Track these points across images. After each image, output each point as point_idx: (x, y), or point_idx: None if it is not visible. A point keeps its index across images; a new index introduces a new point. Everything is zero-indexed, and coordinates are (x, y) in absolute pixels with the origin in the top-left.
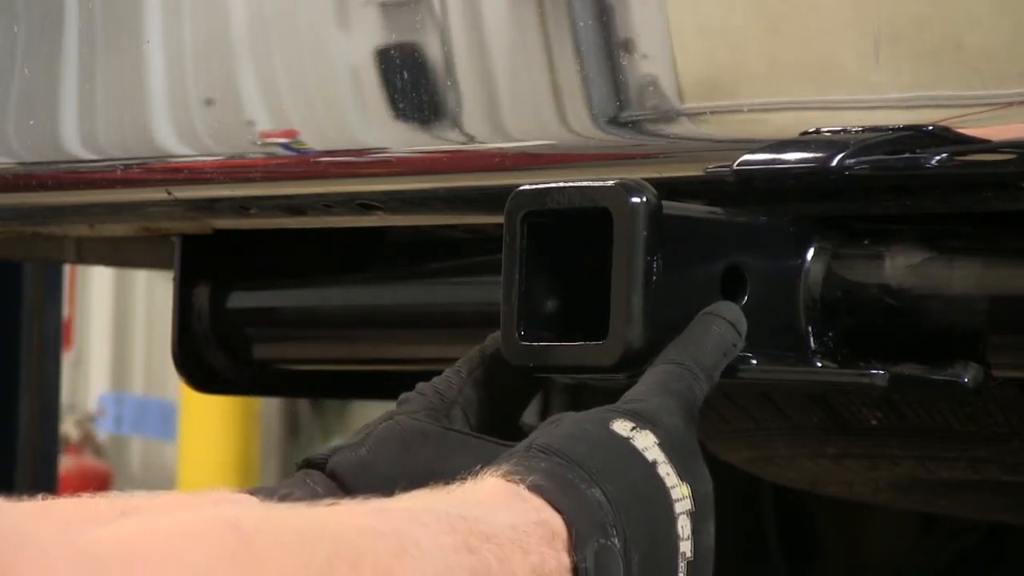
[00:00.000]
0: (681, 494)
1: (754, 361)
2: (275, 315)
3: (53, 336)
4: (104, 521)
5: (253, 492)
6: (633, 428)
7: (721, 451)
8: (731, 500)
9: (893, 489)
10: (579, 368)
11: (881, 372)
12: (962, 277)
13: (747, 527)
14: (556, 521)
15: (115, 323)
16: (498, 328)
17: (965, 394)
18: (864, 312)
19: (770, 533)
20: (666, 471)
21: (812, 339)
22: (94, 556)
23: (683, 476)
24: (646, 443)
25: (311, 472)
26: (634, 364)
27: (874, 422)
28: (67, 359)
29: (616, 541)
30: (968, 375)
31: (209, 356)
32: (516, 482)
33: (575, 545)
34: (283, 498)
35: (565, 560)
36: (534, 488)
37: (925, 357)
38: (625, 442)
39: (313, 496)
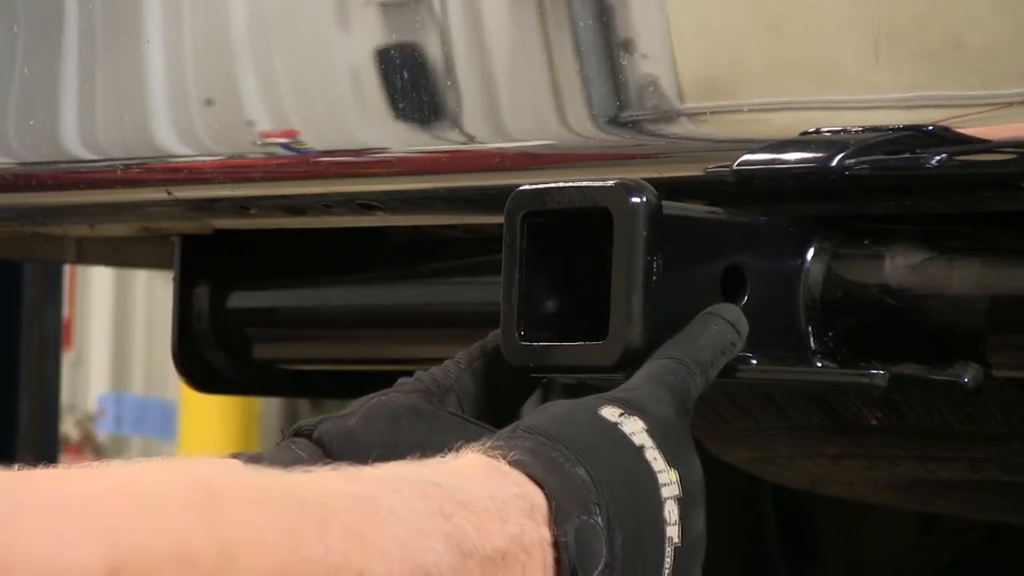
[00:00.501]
0: (669, 479)
1: (754, 361)
2: (275, 315)
3: (53, 336)
4: None
5: (236, 456)
6: (621, 414)
7: (721, 451)
8: (731, 500)
9: (893, 489)
10: (579, 368)
11: (881, 372)
12: (962, 277)
13: (747, 527)
14: (537, 495)
15: (115, 323)
16: (498, 328)
17: (965, 394)
18: (864, 312)
19: (770, 533)
20: (653, 456)
21: (812, 339)
22: (60, 505)
23: (671, 463)
24: (634, 428)
25: (298, 440)
26: (634, 364)
27: (874, 422)
28: (67, 359)
29: (599, 520)
30: (968, 375)
31: (209, 356)
32: (497, 457)
33: (556, 520)
34: (266, 464)
35: (546, 534)
36: (515, 463)
37: (925, 357)
38: (612, 426)
39: (297, 462)
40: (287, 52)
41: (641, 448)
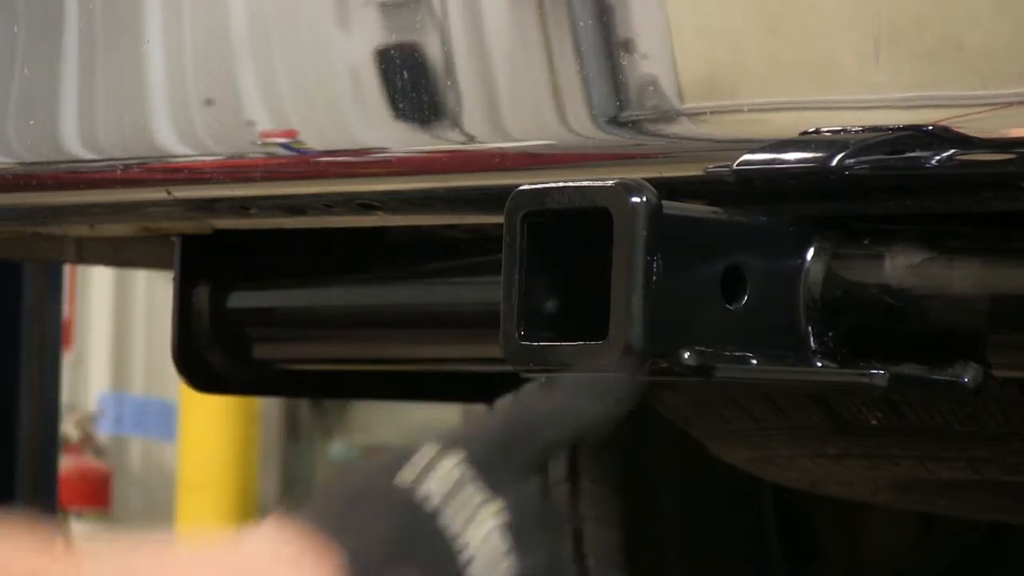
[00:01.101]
0: (473, 531)
1: (754, 361)
2: (275, 315)
3: (53, 336)
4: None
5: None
6: (426, 465)
7: (721, 451)
8: (731, 500)
9: (893, 489)
10: (579, 368)
11: (881, 372)
12: (962, 277)
13: (747, 527)
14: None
15: (115, 323)
16: (498, 328)
17: (965, 394)
18: (864, 312)
19: (770, 533)
20: (452, 516)
21: (812, 339)
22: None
23: (494, 490)
24: (429, 489)
25: None
26: (634, 364)
27: (874, 422)
28: (67, 359)
29: None
30: (968, 375)
31: (209, 356)
32: None
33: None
34: None
35: None
36: None
37: (925, 357)
38: (404, 492)
39: None
40: (287, 52)
41: (434, 514)
